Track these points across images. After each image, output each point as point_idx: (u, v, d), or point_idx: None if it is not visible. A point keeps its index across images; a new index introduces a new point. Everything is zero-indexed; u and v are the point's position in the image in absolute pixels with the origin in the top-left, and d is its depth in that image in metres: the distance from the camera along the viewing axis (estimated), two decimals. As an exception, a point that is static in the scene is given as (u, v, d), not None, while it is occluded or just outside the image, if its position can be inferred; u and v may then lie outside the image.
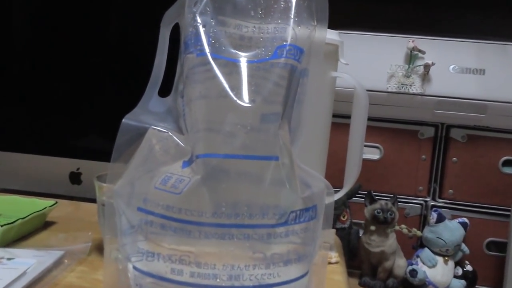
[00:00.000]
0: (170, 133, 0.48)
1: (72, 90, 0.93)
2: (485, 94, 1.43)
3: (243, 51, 0.45)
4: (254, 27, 0.46)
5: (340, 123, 0.99)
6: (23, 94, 0.94)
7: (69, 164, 0.93)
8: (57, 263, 0.58)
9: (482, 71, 1.43)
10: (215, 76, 0.44)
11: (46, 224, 0.74)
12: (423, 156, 1.54)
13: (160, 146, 0.48)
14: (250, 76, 0.44)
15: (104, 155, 0.89)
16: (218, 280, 0.41)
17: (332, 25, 0.45)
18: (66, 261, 0.60)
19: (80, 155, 0.93)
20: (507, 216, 1.48)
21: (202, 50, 0.45)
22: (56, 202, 0.73)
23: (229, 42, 0.46)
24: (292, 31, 0.46)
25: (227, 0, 0.46)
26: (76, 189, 0.93)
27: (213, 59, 0.45)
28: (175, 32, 0.50)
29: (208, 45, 0.45)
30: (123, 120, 0.49)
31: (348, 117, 0.70)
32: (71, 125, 0.94)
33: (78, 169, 0.93)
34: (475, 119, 1.46)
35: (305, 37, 0.46)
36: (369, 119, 0.69)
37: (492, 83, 1.43)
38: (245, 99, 0.43)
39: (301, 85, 0.46)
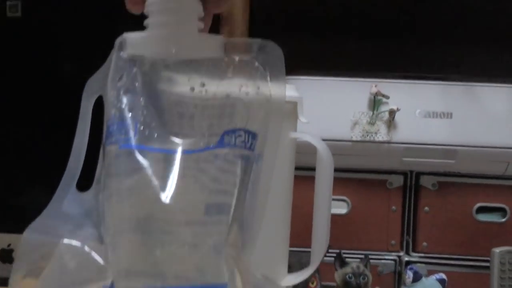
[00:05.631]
0: (86, 248, 0.36)
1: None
2: (454, 138, 1.37)
3: (181, 136, 0.35)
4: (196, 105, 0.36)
5: (301, 176, 0.86)
6: None
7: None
8: None
9: (449, 115, 1.37)
10: (141, 172, 0.33)
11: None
12: (393, 207, 1.45)
13: (77, 262, 0.36)
14: (185, 169, 0.33)
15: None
16: None
17: (288, 71, 0.36)
18: None
19: (11, 229, 0.80)
20: (487, 268, 1.40)
21: (127, 141, 0.34)
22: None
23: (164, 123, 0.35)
24: (243, 108, 0.36)
25: (159, 72, 0.36)
26: (9, 269, 0.79)
27: (141, 152, 0.34)
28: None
29: (135, 133, 0.34)
30: (24, 233, 0.36)
31: (310, 169, 0.67)
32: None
33: (9, 245, 0.80)
34: (445, 165, 1.39)
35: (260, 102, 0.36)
36: (334, 170, 0.67)
37: (460, 126, 1.37)
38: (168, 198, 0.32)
39: (254, 172, 0.36)
